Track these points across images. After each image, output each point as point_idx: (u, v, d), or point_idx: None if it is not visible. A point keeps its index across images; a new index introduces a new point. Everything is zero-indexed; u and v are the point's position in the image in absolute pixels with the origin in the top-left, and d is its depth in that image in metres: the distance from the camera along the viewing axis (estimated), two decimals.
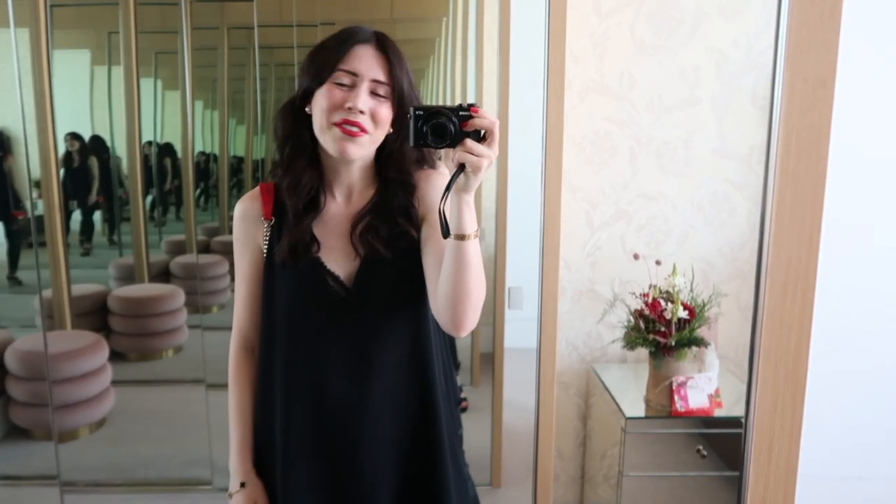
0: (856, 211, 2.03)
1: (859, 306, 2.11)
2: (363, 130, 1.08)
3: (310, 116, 1.13)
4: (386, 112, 1.10)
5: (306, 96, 1.12)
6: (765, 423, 0.59)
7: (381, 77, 1.09)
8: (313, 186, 1.16)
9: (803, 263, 0.55)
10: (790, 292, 0.55)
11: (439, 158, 1.21)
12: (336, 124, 1.08)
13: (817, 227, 0.55)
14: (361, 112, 1.07)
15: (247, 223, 1.22)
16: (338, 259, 1.16)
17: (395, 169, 1.16)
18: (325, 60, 1.09)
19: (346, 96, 1.08)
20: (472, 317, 1.05)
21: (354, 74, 1.08)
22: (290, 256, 1.14)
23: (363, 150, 1.11)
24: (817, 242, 0.55)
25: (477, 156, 0.93)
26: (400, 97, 1.11)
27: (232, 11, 2.79)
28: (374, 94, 1.09)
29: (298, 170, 1.15)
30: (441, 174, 1.19)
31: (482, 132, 0.95)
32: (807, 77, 0.51)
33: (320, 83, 1.09)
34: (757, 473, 0.61)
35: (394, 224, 1.15)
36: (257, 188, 1.23)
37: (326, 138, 1.10)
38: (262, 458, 1.24)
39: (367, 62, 1.09)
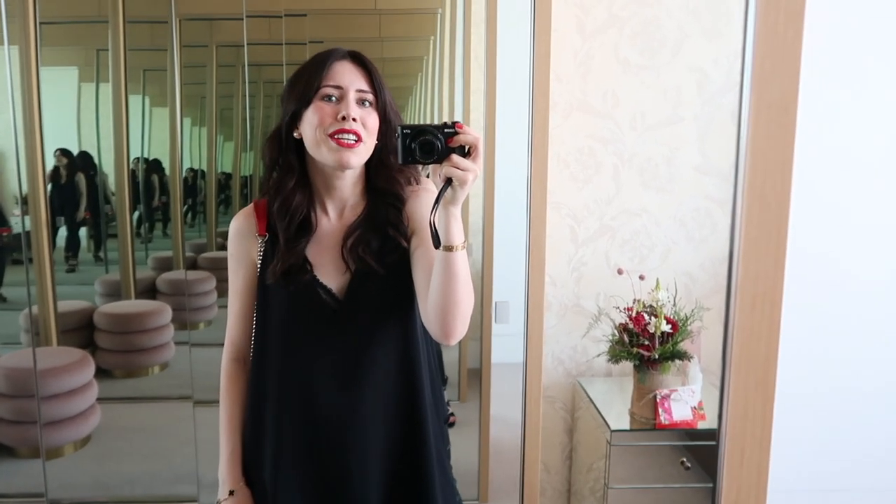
0: (820, 237, 2.13)
1: (833, 328, 2.18)
2: (359, 139, 1.12)
3: (297, 141, 1.16)
4: (374, 121, 1.14)
5: (294, 120, 1.15)
6: (737, 429, 0.62)
7: (365, 87, 1.14)
8: (303, 208, 1.19)
9: (770, 276, 0.59)
10: (759, 304, 0.59)
11: (427, 175, 1.24)
12: (331, 136, 1.10)
13: (783, 242, 0.58)
14: (354, 120, 1.11)
15: (241, 238, 1.25)
16: (330, 273, 1.19)
17: (384, 178, 1.19)
18: (308, 81, 1.12)
19: (336, 108, 1.11)
20: (461, 325, 1.09)
21: (339, 87, 1.12)
22: (283, 279, 1.17)
23: (359, 157, 1.14)
24: (783, 255, 0.59)
25: (463, 170, 0.97)
26: (384, 106, 1.15)
27: (221, 29, 2.81)
28: (359, 103, 1.13)
29: (287, 192, 1.17)
30: (428, 190, 1.22)
31: (467, 147, 0.99)
32: (771, 103, 0.54)
33: (307, 103, 1.12)
34: (730, 479, 0.64)
35: (384, 237, 1.18)
36: (251, 205, 1.26)
37: (323, 152, 1.12)
38: (250, 469, 1.26)
39: (349, 75, 1.13)
